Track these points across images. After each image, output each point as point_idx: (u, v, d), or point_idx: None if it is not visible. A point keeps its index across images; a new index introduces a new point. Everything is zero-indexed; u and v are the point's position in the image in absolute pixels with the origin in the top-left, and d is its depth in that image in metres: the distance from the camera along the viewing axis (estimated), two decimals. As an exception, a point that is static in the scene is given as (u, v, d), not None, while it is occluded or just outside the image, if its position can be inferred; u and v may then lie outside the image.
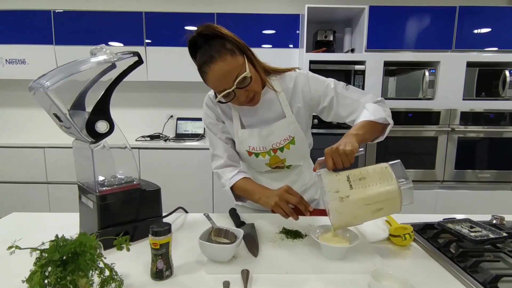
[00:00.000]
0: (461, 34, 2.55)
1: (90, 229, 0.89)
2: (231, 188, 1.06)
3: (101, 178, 0.90)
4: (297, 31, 2.82)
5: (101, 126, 0.80)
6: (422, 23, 2.57)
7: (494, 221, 0.99)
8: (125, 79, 0.83)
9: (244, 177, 1.06)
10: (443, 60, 2.52)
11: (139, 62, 0.83)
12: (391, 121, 0.97)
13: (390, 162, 0.80)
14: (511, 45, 2.56)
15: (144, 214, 0.92)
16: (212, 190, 2.77)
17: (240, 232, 0.81)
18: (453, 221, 0.93)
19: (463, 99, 2.57)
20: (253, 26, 2.75)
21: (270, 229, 0.97)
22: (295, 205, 0.89)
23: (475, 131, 2.57)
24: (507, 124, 2.57)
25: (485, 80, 2.60)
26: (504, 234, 0.82)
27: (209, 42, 0.88)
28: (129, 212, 0.89)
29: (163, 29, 2.78)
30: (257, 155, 1.07)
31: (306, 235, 0.93)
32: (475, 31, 2.56)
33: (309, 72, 1.06)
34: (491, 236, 0.83)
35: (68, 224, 1.00)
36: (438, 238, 0.89)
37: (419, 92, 2.61)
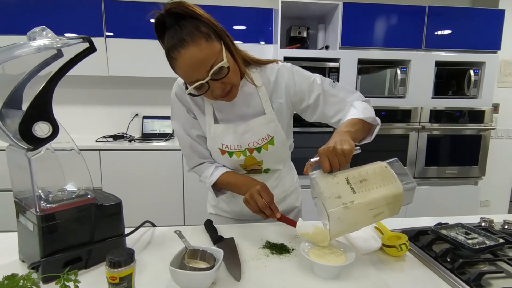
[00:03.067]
0: (430, 33, 2.60)
1: (31, 256, 0.72)
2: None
3: (45, 192, 0.73)
4: (270, 28, 2.72)
5: (41, 129, 0.64)
6: (394, 21, 2.59)
7: (483, 224, 0.96)
8: (83, 73, 0.69)
9: (224, 173, 0.98)
10: (413, 59, 2.56)
11: (91, 49, 0.67)
12: (379, 121, 0.90)
13: (387, 161, 0.73)
14: (473, 45, 2.65)
15: (101, 234, 0.76)
16: (183, 194, 2.60)
17: (219, 253, 0.69)
18: (446, 226, 0.88)
19: (432, 98, 2.63)
20: (223, 20, 2.59)
21: (253, 244, 0.86)
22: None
23: (442, 128, 2.65)
24: (469, 122, 2.67)
25: (452, 79, 2.68)
26: (501, 240, 0.78)
27: (180, 22, 0.74)
28: (82, 233, 0.73)
29: (126, 19, 2.54)
30: (230, 154, 0.95)
31: (293, 249, 0.83)
32: (443, 31, 2.63)
33: (294, 65, 0.95)
34: (488, 242, 0.78)
35: (6, 248, 0.81)
36: (433, 246, 0.83)
37: (391, 90, 2.63)
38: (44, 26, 0.69)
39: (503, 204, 2.97)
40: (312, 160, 0.72)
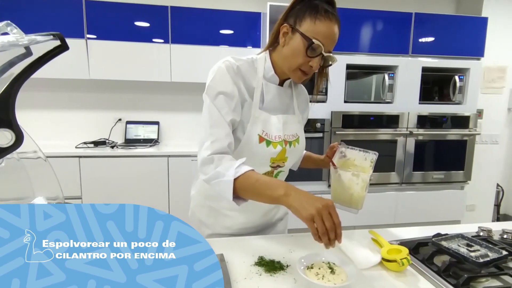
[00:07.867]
0: (416, 40, 2.63)
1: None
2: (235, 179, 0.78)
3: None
4: (258, 32, 2.68)
5: (3, 136, 0.55)
6: (382, 27, 2.60)
7: (481, 233, 0.93)
8: (63, 76, 0.61)
9: (252, 169, 0.79)
10: (400, 64, 2.57)
11: (62, 47, 0.60)
12: None
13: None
14: (458, 52, 2.70)
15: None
16: (168, 203, 2.50)
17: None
18: (446, 238, 0.84)
19: (419, 103, 2.65)
20: (211, 23, 2.55)
21: (244, 260, 0.79)
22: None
23: (429, 134, 2.67)
24: (454, 127, 2.70)
25: (437, 85, 2.71)
26: (505, 253, 0.75)
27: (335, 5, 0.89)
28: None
29: (108, 21, 2.44)
30: (268, 143, 0.90)
31: (287, 266, 0.77)
32: (429, 38, 2.66)
33: None
34: (491, 255, 0.75)
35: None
36: (434, 259, 0.79)
37: (378, 95, 2.63)
38: (8, 21, 0.61)
39: (488, 208, 3.01)
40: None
